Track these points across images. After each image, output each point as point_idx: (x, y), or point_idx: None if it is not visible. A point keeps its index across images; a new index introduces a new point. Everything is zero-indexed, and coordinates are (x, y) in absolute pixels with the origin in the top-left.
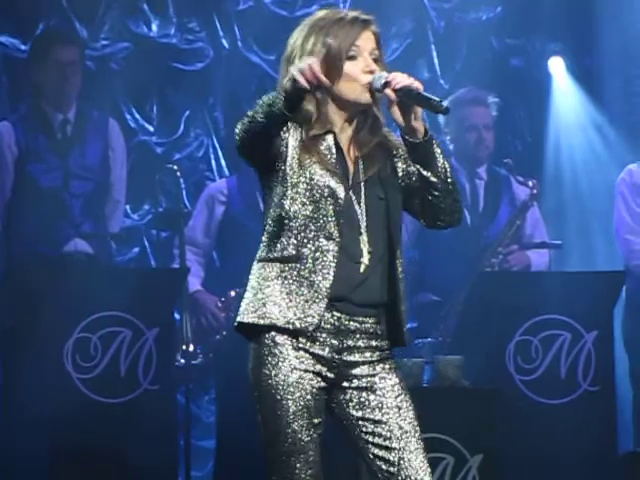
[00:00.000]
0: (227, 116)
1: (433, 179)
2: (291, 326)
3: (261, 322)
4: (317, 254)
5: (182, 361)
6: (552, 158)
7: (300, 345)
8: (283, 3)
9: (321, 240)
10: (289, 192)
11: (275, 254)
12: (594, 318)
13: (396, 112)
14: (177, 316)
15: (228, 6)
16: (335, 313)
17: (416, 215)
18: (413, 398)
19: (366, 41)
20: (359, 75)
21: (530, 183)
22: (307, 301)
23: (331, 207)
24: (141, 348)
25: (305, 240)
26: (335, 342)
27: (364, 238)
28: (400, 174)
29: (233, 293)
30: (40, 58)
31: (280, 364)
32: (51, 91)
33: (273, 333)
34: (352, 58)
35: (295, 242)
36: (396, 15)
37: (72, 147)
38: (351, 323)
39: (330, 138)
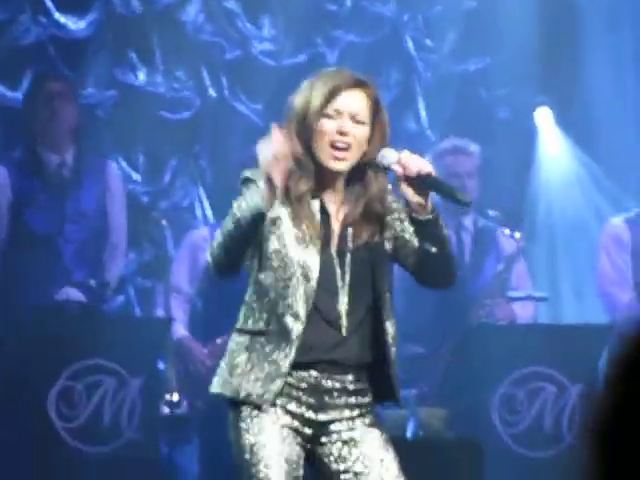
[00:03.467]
0: (213, 165)
1: (433, 250)
2: (248, 399)
3: (226, 394)
4: (282, 332)
5: (166, 410)
6: (538, 210)
7: (278, 402)
8: (270, 53)
9: (287, 318)
10: (264, 264)
11: (248, 327)
12: (579, 371)
13: (408, 189)
14: (161, 365)
15: (215, 55)
16: (312, 372)
17: (409, 272)
18: (397, 451)
19: (350, 101)
20: (328, 135)
21: (516, 235)
22: (266, 377)
23: (302, 287)
24: (125, 397)
25: (274, 317)
26: (312, 400)
27: (344, 300)
28: (394, 236)
29: (219, 340)
30: (31, 97)
31: (257, 419)
32: (42, 128)
33: None
34: (329, 117)
35: (265, 317)
36: (383, 66)
37: (69, 191)
38: (329, 382)
39: (316, 203)
